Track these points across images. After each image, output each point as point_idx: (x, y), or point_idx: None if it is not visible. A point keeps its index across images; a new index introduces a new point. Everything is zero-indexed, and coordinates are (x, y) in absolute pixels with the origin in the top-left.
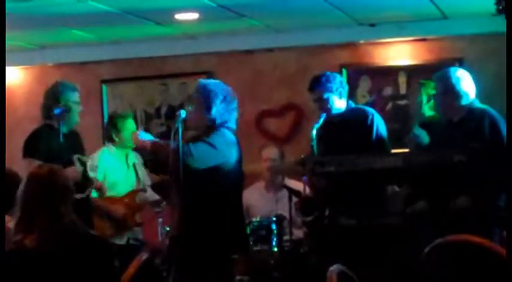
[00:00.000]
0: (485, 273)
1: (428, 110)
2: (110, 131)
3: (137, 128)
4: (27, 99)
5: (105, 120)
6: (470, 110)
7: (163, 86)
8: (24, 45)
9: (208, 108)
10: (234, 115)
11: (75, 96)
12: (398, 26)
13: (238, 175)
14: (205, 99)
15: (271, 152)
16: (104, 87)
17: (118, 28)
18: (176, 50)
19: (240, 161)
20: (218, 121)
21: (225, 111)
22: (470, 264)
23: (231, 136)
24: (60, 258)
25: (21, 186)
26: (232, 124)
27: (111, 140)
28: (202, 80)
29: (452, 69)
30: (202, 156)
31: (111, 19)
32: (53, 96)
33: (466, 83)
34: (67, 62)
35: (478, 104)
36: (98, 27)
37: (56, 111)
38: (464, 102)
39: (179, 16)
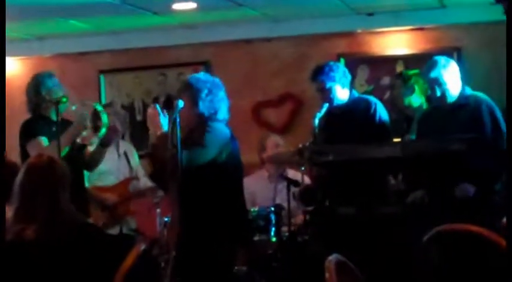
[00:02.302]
0: (483, 262)
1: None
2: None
3: (129, 119)
4: (25, 90)
5: None
6: (463, 97)
7: (161, 76)
8: (22, 36)
9: (195, 104)
10: (223, 105)
11: (54, 82)
12: (396, 15)
13: (235, 166)
14: (191, 95)
15: (276, 141)
16: (102, 77)
17: (115, 18)
18: (174, 40)
19: (235, 152)
20: (207, 115)
21: (212, 103)
22: (468, 253)
23: (222, 129)
24: (60, 249)
25: (20, 176)
26: (223, 115)
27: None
28: (188, 76)
29: (439, 58)
30: (194, 160)
31: (108, 9)
32: (34, 89)
33: (454, 71)
34: (64, 53)
35: (470, 91)
36: (95, 18)
37: (54, 101)
38: (455, 89)
39: (177, 6)
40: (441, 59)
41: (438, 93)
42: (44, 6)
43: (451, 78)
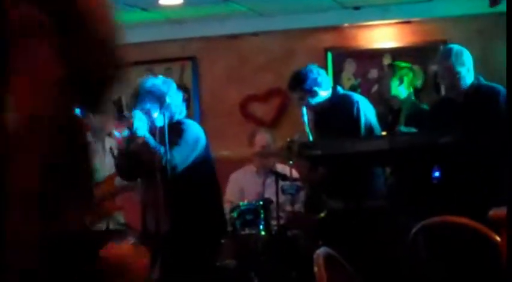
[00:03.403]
0: (471, 254)
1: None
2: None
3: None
4: None
5: None
6: (477, 87)
7: (149, 71)
8: None
9: (167, 108)
10: (181, 101)
11: None
12: (383, 9)
13: (211, 159)
14: (156, 101)
15: (265, 137)
16: None
17: None
18: (161, 36)
19: (208, 144)
20: (177, 115)
21: (176, 103)
22: (456, 245)
23: (196, 125)
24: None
25: None
26: (185, 111)
27: None
28: (141, 83)
29: (453, 46)
30: (183, 159)
31: None
32: None
33: (467, 60)
34: None
35: (485, 81)
36: None
37: None
38: (468, 79)
39: (164, 1)
40: (454, 48)
41: (450, 83)
42: None
43: (464, 68)
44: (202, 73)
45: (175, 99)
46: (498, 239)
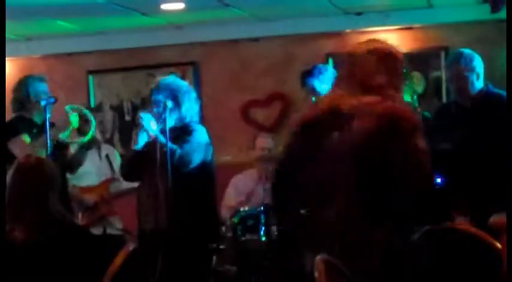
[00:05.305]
0: (472, 260)
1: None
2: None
3: (117, 120)
4: (12, 89)
5: None
6: (485, 94)
7: (150, 76)
8: (10, 36)
9: (178, 106)
10: (197, 107)
11: (43, 87)
12: (384, 15)
13: (214, 166)
14: (174, 99)
15: (266, 141)
16: (91, 78)
17: (104, 19)
18: (162, 40)
19: (212, 151)
20: (188, 118)
21: (190, 106)
22: (457, 251)
23: (204, 130)
24: (48, 250)
25: (9, 176)
26: (197, 116)
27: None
28: (161, 80)
29: (464, 50)
30: (192, 159)
31: (96, 9)
32: (22, 89)
33: (477, 65)
34: (53, 53)
35: (493, 88)
36: (83, 18)
37: (43, 102)
38: (477, 84)
39: (165, 6)
40: (465, 52)
41: (459, 87)
42: (31, 7)
43: (474, 73)
44: (203, 78)
45: (188, 100)
46: (499, 245)
